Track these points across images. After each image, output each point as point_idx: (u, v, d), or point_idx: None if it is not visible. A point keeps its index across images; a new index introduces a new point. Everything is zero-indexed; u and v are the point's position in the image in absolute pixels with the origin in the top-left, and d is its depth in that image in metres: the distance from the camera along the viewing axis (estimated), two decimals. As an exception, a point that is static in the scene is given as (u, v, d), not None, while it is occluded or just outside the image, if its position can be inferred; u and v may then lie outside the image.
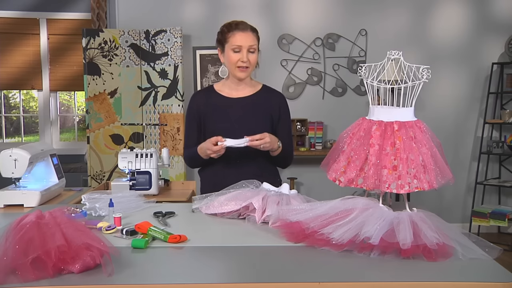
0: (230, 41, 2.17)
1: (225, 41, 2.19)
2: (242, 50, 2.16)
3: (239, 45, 2.15)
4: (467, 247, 1.43)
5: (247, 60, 2.17)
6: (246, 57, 2.16)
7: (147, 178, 2.70)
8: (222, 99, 2.28)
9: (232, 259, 1.44)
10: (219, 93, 2.30)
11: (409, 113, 1.62)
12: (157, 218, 1.87)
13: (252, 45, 2.17)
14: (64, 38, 4.97)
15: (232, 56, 2.17)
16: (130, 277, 1.29)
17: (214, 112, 2.26)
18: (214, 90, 2.32)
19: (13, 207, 2.21)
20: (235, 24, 2.19)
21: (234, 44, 2.16)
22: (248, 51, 2.17)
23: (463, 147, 4.98)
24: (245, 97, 2.27)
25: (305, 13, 4.85)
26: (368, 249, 1.43)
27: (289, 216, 1.60)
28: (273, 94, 2.32)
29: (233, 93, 2.28)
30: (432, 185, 1.55)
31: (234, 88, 2.28)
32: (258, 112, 2.25)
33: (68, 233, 1.35)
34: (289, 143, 2.32)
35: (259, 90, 2.31)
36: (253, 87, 2.30)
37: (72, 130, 5.49)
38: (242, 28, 2.18)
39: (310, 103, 4.92)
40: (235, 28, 2.17)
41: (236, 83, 2.27)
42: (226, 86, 2.31)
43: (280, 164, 2.36)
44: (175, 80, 4.50)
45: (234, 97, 2.27)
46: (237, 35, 2.16)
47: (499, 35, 4.81)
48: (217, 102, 2.27)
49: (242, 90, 2.28)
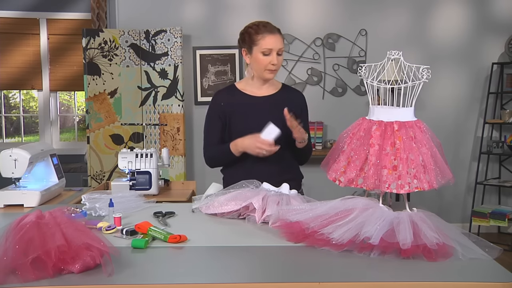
0: (260, 43, 2.14)
1: (253, 43, 2.16)
2: (272, 53, 2.15)
3: (270, 48, 2.14)
4: (467, 247, 1.44)
5: (277, 63, 2.17)
6: (276, 60, 2.16)
7: (147, 178, 2.70)
8: (247, 98, 2.27)
9: (232, 259, 1.44)
10: (243, 92, 2.28)
11: (409, 113, 1.62)
12: (157, 218, 1.87)
13: (281, 47, 2.17)
14: (64, 38, 4.96)
15: (262, 59, 2.16)
16: (130, 277, 1.29)
17: (241, 111, 2.24)
18: (237, 89, 2.30)
19: (13, 207, 2.21)
20: (262, 25, 2.17)
21: (265, 47, 2.14)
22: (277, 54, 2.16)
23: (463, 147, 4.97)
24: (268, 95, 2.28)
25: (305, 13, 4.85)
26: (368, 249, 1.43)
27: (289, 216, 1.60)
28: (293, 93, 2.37)
29: (257, 92, 2.28)
30: (432, 185, 1.55)
31: (258, 88, 2.28)
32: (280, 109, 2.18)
33: (68, 233, 1.35)
34: (309, 139, 2.36)
35: (280, 88, 2.33)
36: (275, 86, 2.32)
37: (72, 130, 5.49)
38: (271, 30, 2.16)
39: (310, 103, 4.79)
40: (265, 31, 2.15)
41: (261, 83, 2.27)
42: (249, 85, 2.29)
43: (302, 159, 2.41)
44: (175, 80, 4.50)
45: (259, 96, 2.27)
46: (267, 38, 2.14)
47: (499, 35, 4.81)
48: (241, 101, 2.26)
49: (265, 89, 2.28)
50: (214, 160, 2.31)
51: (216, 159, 2.30)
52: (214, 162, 2.32)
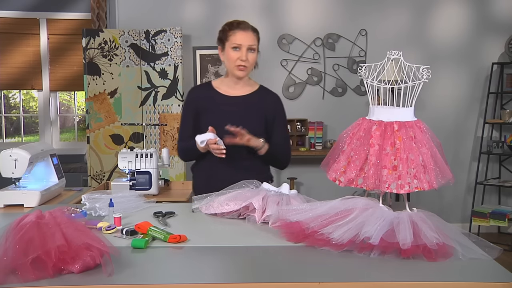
0: (231, 39, 2.19)
1: (225, 39, 2.21)
2: (242, 48, 2.17)
3: (239, 44, 2.17)
4: (467, 247, 1.44)
5: (246, 59, 2.18)
6: (245, 56, 2.17)
7: (147, 178, 2.70)
8: (219, 96, 2.29)
9: (232, 259, 1.44)
10: (216, 90, 2.31)
11: (409, 113, 1.62)
12: (157, 218, 1.87)
13: (252, 44, 2.19)
14: (64, 38, 4.97)
15: (232, 54, 2.19)
16: (130, 277, 1.29)
17: (210, 108, 2.27)
18: (212, 87, 2.33)
19: (13, 207, 2.21)
20: (236, 23, 2.21)
21: (235, 42, 2.17)
22: (247, 50, 2.18)
23: (463, 147, 4.97)
24: (241, 96, 2.29)
25: (305, 13, 4.85)
26: (368, 249, 1.43)
27: (289, 216, 1.60)
28: (268, 95, 2.34)
29: (230, 91, 2.29)
30: (432, 185, 1.55)
31: (232, 87, 2.30)
32: (253, 111, 2.26)
33: (68, 233, 1.35)
34: (284, 144, 2.33)
35: (256, 90, 2.32)
36: (251, 87, 2.32)
37: (72, 130, 5.49)
38: (243, 27, 2.20)
39: (310, 103, 4.92)
40: (237, 27, 2.19)
41: (234, 82, 2.28)
42: (224, 83, 2.32)
43: (275, 164, 2.36)
44: (175, 80, 4.50)
45: (231, 95, 2.28)
46: (238, 33, 2.18)
47: (499, 35, 4.81)
48: (213, 98, 2.29)
49: (239, 89, 2.29)
50: (184, 154, 2.36)
51: (185, 152, 2.34)
52: (185, 155, 2.37)
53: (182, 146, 2.35)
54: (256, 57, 2.23)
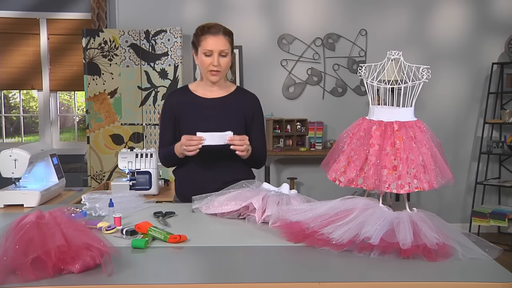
0: (202, 44, 2.17)
1: (198, 44, 2.20)
2: (213, 54, 2.16)
3: (210, 50, 2.15)
4: (467, 247, 1.44)
5: (218, 64, 2.17)
6: (217, 61, 2.16)
7: (147, 178, 2.70)
8: (196, 99, 2.28)
9: (232, 259, 1.44)
10: (193, 93, 2.30)
11: (409, 113, 1.62)
12: (157, 218, 1.87)
13: (224, 49, 2.16)
14: (64, 38, 4.97)
15: (204, 60, 2.18)
16: (130, 277, 1.29)
17: (188, 111, 2.26)
18: (189, 90, 2.32)
19: (13, 207, 2.21)
20: (207, 27, 2.18)
21: (206, 48, 2.16)
22: (219, 55, 2.16)
23: (463, 147, 4.98)
24: (219, 97, 2.28)
25: (305, 13, 4.85)
26: (368, 249, 1.43)
27: (289, 216, 1.60)
28: (246, 95, 2.33)
29: (207, 93, 2.29)
30: (432, 185, 1.55)
31: (208, 89, 2.29)
32: (231, 112, 2.25)
33: (68, 233, 1.35)
34: (262, 144, 2.32)
35: (232, 91, 2.31)
36: (227, 89, 2.31)
37: (72, 130, 5.49)
38: (213, 32, 2.16)
39: (310, 103, 4.92)
40: (207, 32, 2.17)
41: (210, 85, 2.27)
42: (200, 86, 2.31)
43: (253, 165, 2.35)
44: (175, 80, 4.50)
45: (208, 97, 2.28)
46: (208, 39, 2.16)
47: (499, 35, 4.81)
48: (191, 102, 2.28)
49: (216, 91, 2.28)
50: (166, 160, 2.35)
51: (166, 158, 2.34)
52: (167, 162, 2.36)
53: (163, 153, 2.34)
54: (229, 60, 2.21)
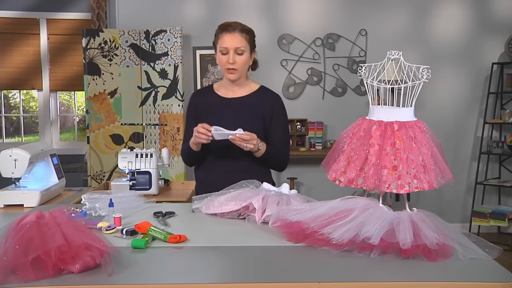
0: (219, 43, 2.18)
1: (216, 43, 2.21)
2: (229, 52, 2.15)
3: (225, 47, 2.15)
4: (467, 247, 1.43)
5: (233, 62, 2.16)
6: (232, 59, 2.15)
7: (147, 178, 2.70)
8: (217, 99, 2.29)
9: (232, 259, 1.44)
10: (215, 93, 2.31)
11: (409, 113, 1.62)
12: (157, 218, 1.87)
13: (239, 47, 2.15)
14: (64, 38, 4.96)
15: (221, 58, 2.18)
16: (130, 277, 1.29)
17: (208, 111, 2.27)
18: (212, 90, 2.33)
19: (13, 207, 2.21)
20: (225, 25, 2.18)
21: (221, 46, 2.16)
22: (235, 53, 2.15)
23: (463, 147, 4.97)
24: (238, 97, 2.27)
25: (305, 13, 4.85)
26: (368, 249, 1.43)
27: (289, 216, 1.60)
28: (267, 95, 2.29)
29: (229, 93, 2.29)
30: (432, 185, 1.55)
31: (230, 89, 2.29)
32: (249, 113, 2.23)
33: (68, 233, 1.35)
34: (282, 144, 2.27)
35: (255, 90, 2.29)
36: (248, 88, 2.29)
37: (72, 130, 5.49)
38: (230, 29, 2.16)
39: (310, 103, 4.92)
40: (224, 30, 2.17)
41: (231, 84, 2.27)
42: (222, 86, 2.32)
43: (272, 166, 2.32)
44: (175, 80, 4.50)
45: (229, 97, 2.28)
46: (224, 36, 2.16)
47: (499, 35, 4.81)
48: (212, 101, 2.29)
49: (237, 91, 2.28)
50: (185, 156, 2.36)
51: (185, 152, 2.34)
52: (187, 158, 2.36)
53: (183, 149, 2.35)
54: (247, 58, 2.19)
